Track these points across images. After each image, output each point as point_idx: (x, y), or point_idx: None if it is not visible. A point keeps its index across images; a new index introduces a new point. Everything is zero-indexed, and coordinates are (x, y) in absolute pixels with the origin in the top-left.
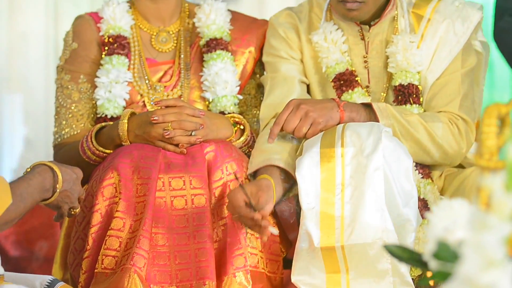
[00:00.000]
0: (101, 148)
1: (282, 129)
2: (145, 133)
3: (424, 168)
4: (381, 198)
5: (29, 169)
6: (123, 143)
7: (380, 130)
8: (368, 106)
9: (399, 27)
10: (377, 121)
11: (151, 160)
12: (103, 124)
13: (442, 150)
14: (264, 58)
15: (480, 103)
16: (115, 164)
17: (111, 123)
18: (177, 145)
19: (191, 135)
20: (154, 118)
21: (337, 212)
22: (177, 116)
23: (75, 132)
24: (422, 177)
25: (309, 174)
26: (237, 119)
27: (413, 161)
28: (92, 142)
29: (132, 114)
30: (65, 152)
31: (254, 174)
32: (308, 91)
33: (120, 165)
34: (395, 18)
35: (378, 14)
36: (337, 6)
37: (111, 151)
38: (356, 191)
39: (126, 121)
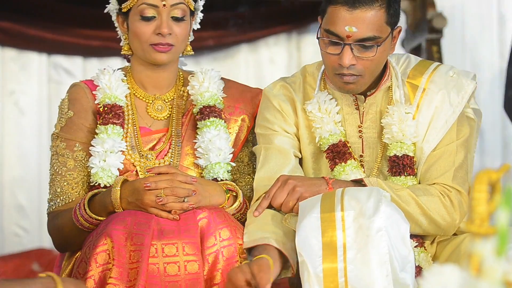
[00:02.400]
0: (94, 215)
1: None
2: (138, 200)
3: (418, 237)
4: (385, 259)
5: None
6: (116, 210)
7: (380, 193)
8: (358, 181)
9: (394, 97)
10: None
11: (144, 227)
12: (96, 191)
13: (434, 223)
14: (257, 130)
15: (471, 169)
16: (108, 231)
17: (104, 190)
18: (170, 212)
19: (183, 201)
20: (147, 185)
21: (340, 274)
22: (169, 183)
23: (70, 200)
24: (416, 246)
25: (310, 238)
26: (229, 186)
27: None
28: (85, 210)
29: (125, 181)
30: (59, 219)
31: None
32: (301, 164)
33: (113, 231)
34: (390, 88)
35: (374, 84)
36: (334, 79)
37: (104, 218)
38: (359, 253)
39: (119, 188)
